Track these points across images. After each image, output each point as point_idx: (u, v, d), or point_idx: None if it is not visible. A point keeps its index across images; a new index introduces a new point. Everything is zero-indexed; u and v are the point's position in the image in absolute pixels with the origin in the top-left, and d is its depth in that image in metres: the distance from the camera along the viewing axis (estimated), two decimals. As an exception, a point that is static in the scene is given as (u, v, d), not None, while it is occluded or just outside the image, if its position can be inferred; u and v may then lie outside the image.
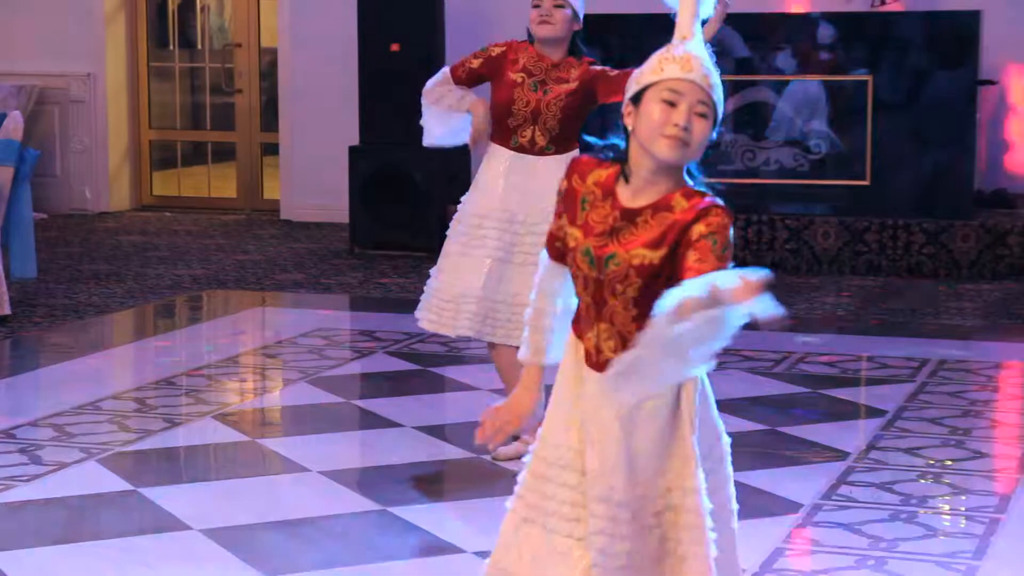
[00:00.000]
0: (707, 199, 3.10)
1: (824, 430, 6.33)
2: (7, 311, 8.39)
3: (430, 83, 5.94)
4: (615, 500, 3.17)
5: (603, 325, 3.18)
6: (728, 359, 7.41)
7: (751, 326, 2.90)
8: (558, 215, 3.28)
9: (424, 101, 5.98)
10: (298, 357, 7.65)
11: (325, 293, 9.51)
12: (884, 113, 10.25)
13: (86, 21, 12.83)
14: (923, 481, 5.67)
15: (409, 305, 9.05)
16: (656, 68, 3.13)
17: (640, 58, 3.25)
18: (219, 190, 13.37)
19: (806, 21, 10.48)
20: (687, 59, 3.11)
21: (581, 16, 5.69)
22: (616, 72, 5.61)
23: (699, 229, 3.06)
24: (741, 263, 10.87)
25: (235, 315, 9.06)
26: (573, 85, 5.61)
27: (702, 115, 3.09)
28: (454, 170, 10.66)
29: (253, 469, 5.96)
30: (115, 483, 5.63)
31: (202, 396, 6.93)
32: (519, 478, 3.36)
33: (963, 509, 5.40)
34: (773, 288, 2.77)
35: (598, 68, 5.64)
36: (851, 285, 9.75)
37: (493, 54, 5.77)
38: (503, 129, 5.73)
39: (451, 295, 5.80)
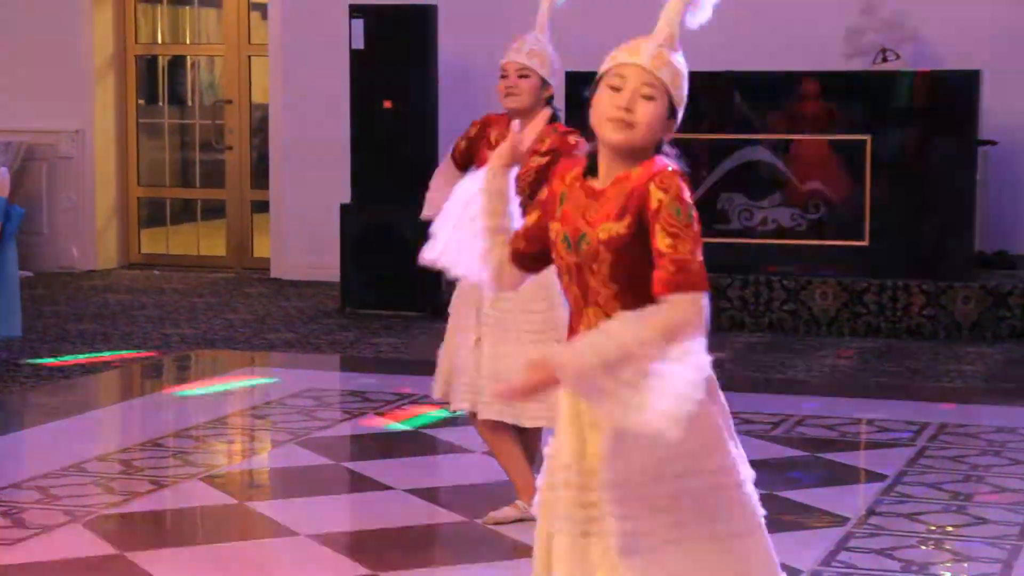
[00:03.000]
0: (658, 162, 3.18)
1: (823, 495, 6.31)
2: (-9, 370, 8.38)
3: (440, 166, 5.99)
4: (619, 482, 3.19)
5: (591, 310, 3.24)
6: (725, 422, 7.39)
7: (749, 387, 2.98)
8: (526, 215, 3.40)
9: (435, 179, 5.97)
10: (287, 418, 7.63)
11: (316, 353, 9.50)
12: (883, 173, 10.28)
13: (75, 77, 12.88)
14: (924, 547, 5.65)
15: (401, 365, 9.10)
16: (609, 58, 3.23)
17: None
18: (208, 248, 13.38)
19: (804, 80, 10.52)
20: (635, 45, 3.20)
21: (553, 80, 5.64)
22: (581, 143, 5.56)
23: (657, 195, 3.12)
24: (739, 325, 10.78)
25: (224, 375, 9.04)
26: (544, 160, 5.55)
27: (649, 97, 3.16)
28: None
29: (241, 533, 5.94)
30: (100, 547, 5.60)
31: (189, 458, 6.90)
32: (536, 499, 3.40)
33: (965, 576, 5.39)
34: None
35: (571, 140, 5.52)
36: (850, 347, 9.76)
37: (471, 134, 5.80)
38: None
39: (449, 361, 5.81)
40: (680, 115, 3.23)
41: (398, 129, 10.90)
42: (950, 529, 5.88)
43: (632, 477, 3.19)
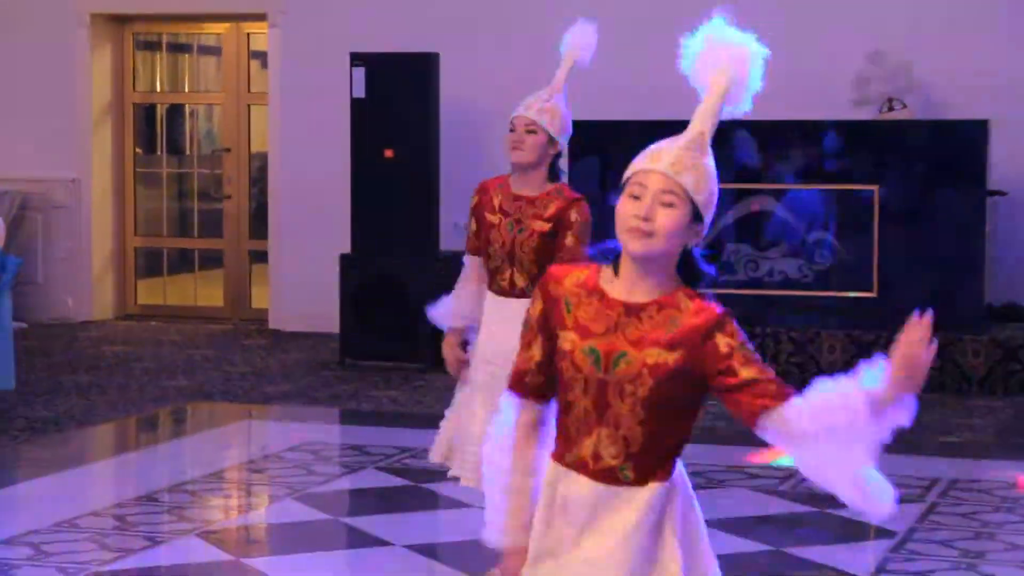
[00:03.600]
0: (710, 304, 3.14)
1: (831, 552, 6.29)
2: (-16, 423, 8.36)
3: (464, 272, 5.90)
4: None
5: (605, 430, 3.16)
6: (732, 477, 7.38)
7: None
8: (526, 346, 3.29)
9: (460, 288, 5.92)
10: (285, 472, 7.61)
11: (314, 406, 9.49)
12: (891, 223, 10.29)
13: (71, 125, 12.91)
14: (935, 606, 5.63)
15: (401, 419, 9.08)
16: (632, 165, 3.19)
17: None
18: (206, 299, 13.38)
19: (811, 129, 10.54)
20: (658, 151, 3.15)
21: (562, 139, 5.62)
22: (580, 222, 5.52)
23: (727, 342, 3.10)
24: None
25: (221, 429, 9.02)
26: (547, 225, 5.53)
27: (668, 204, 3.11)
28: (448, 281, 10.64)
29: (237, 590, 5.92)
30: (93, 604, 5.58)
31: (185, 513, 6.88)
32: None
33: (976, 636, 5.36)
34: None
35: (571, 214, 5.47)
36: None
37: (472, 205, 5.76)
38: (487, 271, 5.71)
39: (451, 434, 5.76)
40: (708, 219, 3.16)
41: (399, 179, 10.91)
42: (961, 587, 5.86)
43: None
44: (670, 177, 3.11)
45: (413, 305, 10.83)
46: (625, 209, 3.13)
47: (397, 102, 10.97)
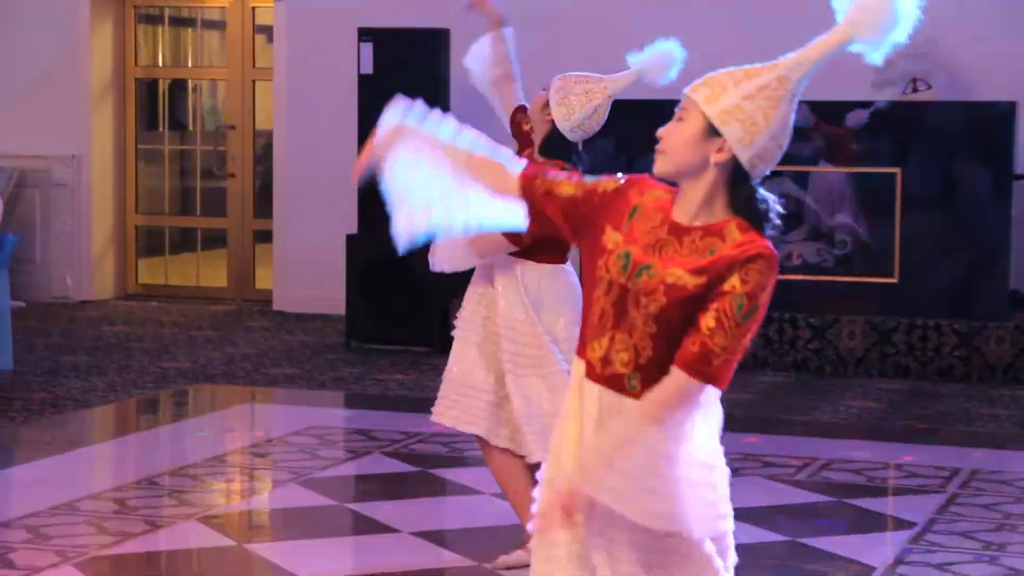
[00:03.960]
0: (759, 243, 3.24)
1: (849, 542, 6.30)
2: (-19, 404, 8.39)
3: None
4: (614, 523, 3.25)
5: (620, 336, 3.25)
6: (748, 465, 7.39)
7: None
8: (570, 176, 3.42)
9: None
10: (289, 457, 7.63)
11: (319, 389, 9.51)
12: (914, 207, 10.28)
13: (71, 100, 12.92)
14: (954, 598, 5.65)
15: (408, 403, 9.09)
16: None
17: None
18: (209, 279, 13.40)
19: (832, 110, 10.52)
20: None
21: (559, 112, 5.64)
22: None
23: (734, 282, 3.20)
24: (762, 364, 10.65)
25: (223, 411, 9.05)
26: None
27: (679, 120, 3.24)
28: (458, 261, 10.66)
29: (239, 576, 5.94)
30: (92, 589, 5.61)
31: (186, 497, 6.91)
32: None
33: (997, 629, 5.37)
34: None
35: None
36: (878, 388, 9.74)
37: (528, 127, 5.90)
38: None
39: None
40: (733, 134, 3.18)
41: (408, 157, 10.89)
42: (982, 580, 5.87)
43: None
44: (687, 96, 3.25)
45: (422, 287, 10.85)
46: None
47: (406, 79, 10.93)
